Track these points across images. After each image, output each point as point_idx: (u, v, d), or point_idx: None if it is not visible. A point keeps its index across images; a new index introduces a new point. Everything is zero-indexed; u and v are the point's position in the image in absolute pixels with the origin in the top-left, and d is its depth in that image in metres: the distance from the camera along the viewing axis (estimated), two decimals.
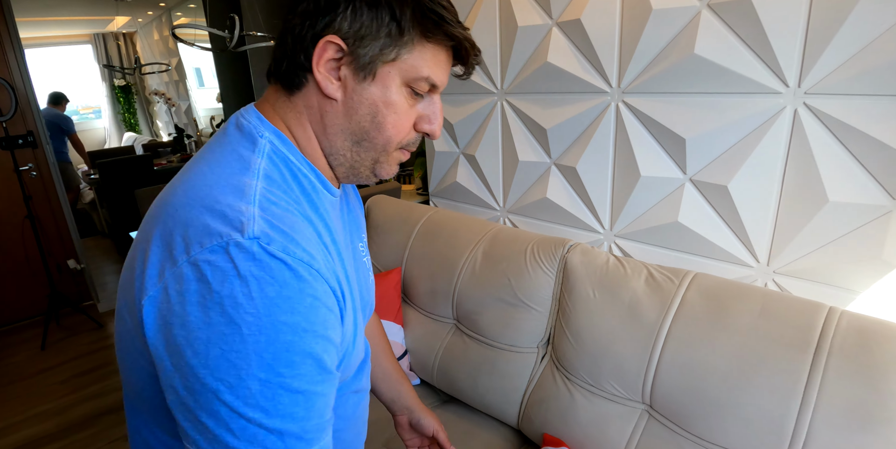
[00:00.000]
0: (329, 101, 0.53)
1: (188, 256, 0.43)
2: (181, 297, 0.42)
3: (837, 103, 1.00)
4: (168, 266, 0.44)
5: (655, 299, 1.10)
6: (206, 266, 0.42)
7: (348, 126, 0.54)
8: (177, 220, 0.46)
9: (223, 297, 0.41)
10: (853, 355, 0.85)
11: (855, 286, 1.06)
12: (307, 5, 0.52)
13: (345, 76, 0.52)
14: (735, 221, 1.20)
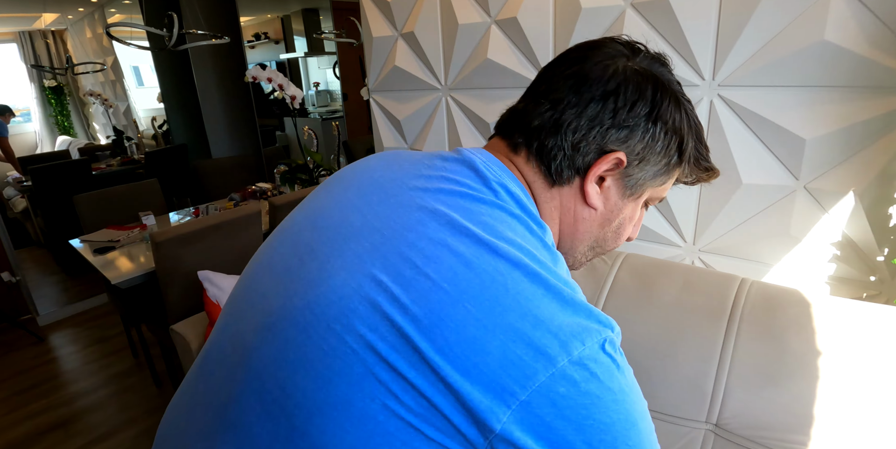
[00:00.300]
0: (588, 208, 0.52)
1: (570, 357, 0.38)
2: (568, 400, 0.37)
3: (747, 94, 1.10)
4: (542, 368, 0.37)
5: (591, 280, 1.17)
6: (594, 366, 0.38)
7: (597, 234, 0.54)
8: (534, 325, 0.38)
9: (615, 393, 0.39)
10: (760, 320, 0.94)
11: (768, 259, 1.17)
12: (601, 112, 0.49)
13: (608, 187, 0.52)
14: (664, 206, 1.29)
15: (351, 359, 0.39)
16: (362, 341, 0.39)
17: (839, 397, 0.84)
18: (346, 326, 0.40)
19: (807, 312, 0.90)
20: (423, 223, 0.44)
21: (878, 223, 1.02)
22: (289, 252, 0.50)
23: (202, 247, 2.01)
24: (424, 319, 0.39)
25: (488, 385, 0.37)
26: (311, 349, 0.41)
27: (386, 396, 0.39)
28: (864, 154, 1.00)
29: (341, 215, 0.49)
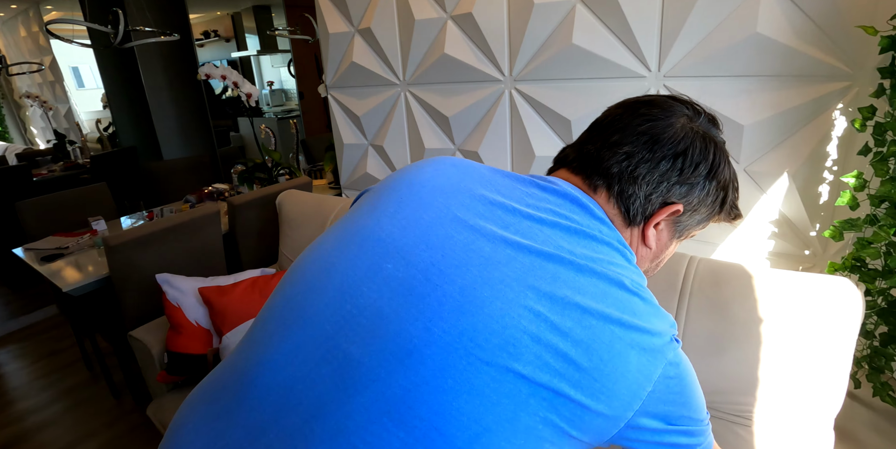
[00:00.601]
0: (645, 247, 0.59)
1: (667, 358, 0.47)
2: (668, 392, 0.48)
3: (690, 84, 1.17)
4: (652, 372, 0.47)
5: None
6: (679, 365, 0.49)
7: (647, 268, 0.62)
8: (635, 332, 0.47)
9: (687, 377, 0.50)
10: (708, 293, 1.00)
11: (714, 239, 1.24)
12: (670, 169, 0.56)
13: (661, 230, 0.59)
14: None
15: (518, 383, 0.44)
16: (529, 367, 0.44)
17: (780, 360, 0.91)
18: (512, 354, 0.44)
19: (749, 284, 0.97)
20: (540, 257, 0.49)
21: (810, 201, 1.11)
22: (402, 268, 0.49)
23: (159, 250, 1.96)
24: (580, 341, 0.45)
25: (628, 388, 0.46)
26: (473, 375, 0.44)
27: (548, 410, 0.45)
28: (796, 138, 1.08)
29: (462, 238, 0.51)
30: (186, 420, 0.55)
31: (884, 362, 0.96)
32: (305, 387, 0.47)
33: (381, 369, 0.45)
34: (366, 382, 0.45)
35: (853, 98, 1.00)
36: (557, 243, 0.50)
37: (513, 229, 0.51)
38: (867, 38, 0.95)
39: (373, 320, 0.47)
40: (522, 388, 0.44)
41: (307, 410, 0.46)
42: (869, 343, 0.99)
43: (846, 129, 1.02)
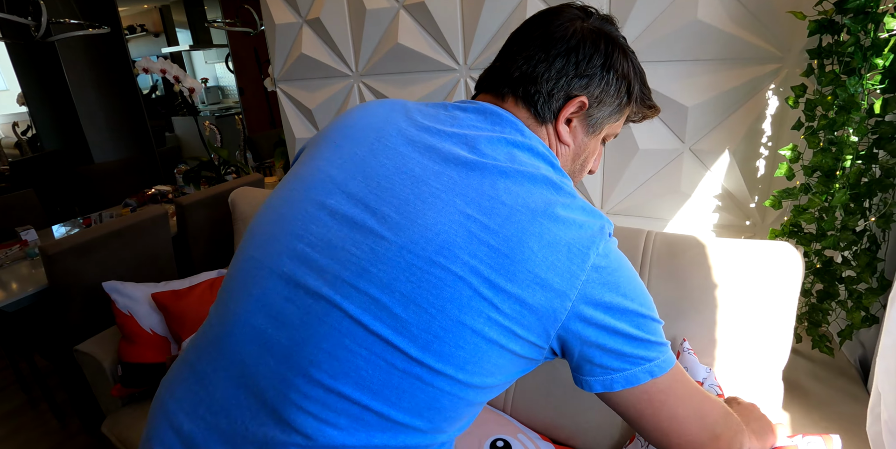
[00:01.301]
0: (562, 145, 0.63)
1: (598, 252, 0.51)
2: (602, 279, 0.50)
3: None
4: (578, 268, 0.49)
5: None
6: (609, 254, 0.52)
7: (570, 167, 0.66)
8: (562, 226, 0.50)
9: (622, 263, 0.54)
10: (665, 263, 1.07)
11: (665, 215, 1.32)
12: (566, 64, 0.59)
13: (575, 127, 0.63)
14: None
15: (459, 284, 0.48)
16: (466, 268, 0.48)
17: (732, 321, 0.99)
18: (449, 257, 0.49)
19: (702, 253, 1.05)
20: (471, 169, 0.54)
21: (748, 175, 1.20)
22: (344, 201, 0.54)
23: (103, 257, 1.86)
24: (511, 236, 0.49)
25: (562, 276, 0.49)
26: (417, 284, 0.49)
27: (491, 308, 0.49)
28: (735, 116, 1.17)
29: (394, 165, 0.55)
30: (169, 394, 0.59)
31: (821, 317, 1.06)
32: (276, 329, 0.52)
33: (337, 295, 0.50)
34: (327, 309, 0.51)
35: (783, 78, 1.10)
36: (482, 152, 0.55)
37: (438, 147, 0.56)
38: (795, 22, 1.03)
39: (324, 252, 0.52)
40: (464, 290, 0.48)
41: (282, 349, 0.51)
42: (807, 301, 1.10)
43: (778, 108, 1.12)
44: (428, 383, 0.50)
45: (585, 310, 0.50)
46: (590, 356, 0.52)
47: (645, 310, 0.53)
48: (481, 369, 0.50)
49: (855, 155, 0.91)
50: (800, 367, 1.13)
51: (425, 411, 0.51)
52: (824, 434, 0.77)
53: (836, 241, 0.97)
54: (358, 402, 0.50)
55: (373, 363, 0.49)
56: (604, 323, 0.51)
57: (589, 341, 0.51)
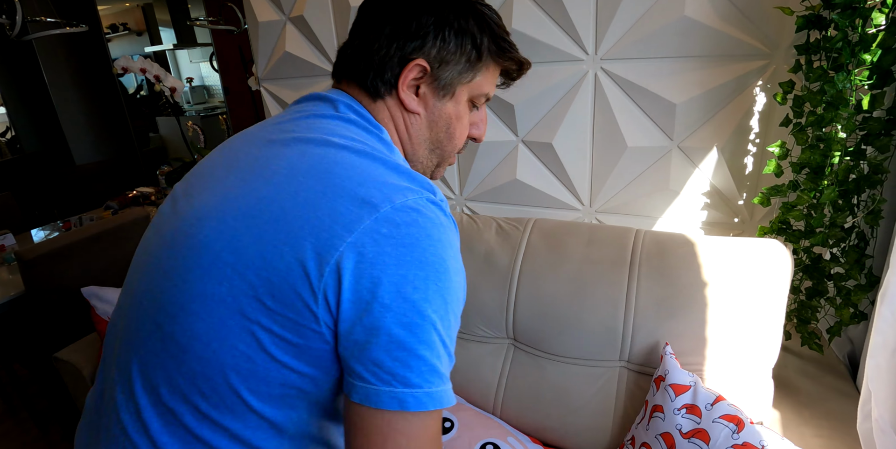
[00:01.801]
0: (412, 115, 0.60)
1: (393, 204, 0.45)
2: (391, 238, 0.44)
3: (625, 66, 1.22)
4: (365, 214, 0.45)
5: (506, 246, 1.24)
6: (416, 213, 0.46)
7: (429, 136, 0.62)
8: (355, 179, 0.47)
9: (433, 240, 0.46)
10: (655, 263, 1.06)
11: (653, 213, 1.32)
12: (394, 29, 0.56)
13: (424, 93, 0.59)
14: (562, 173, 1.40)
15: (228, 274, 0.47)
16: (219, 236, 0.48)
17: (722, 319, 0.98)
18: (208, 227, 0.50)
19: (690, 251, 1.04)
20: (272, 144, 0.54)
21: (737, 172, 1.20)
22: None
23: (82, 261, 1.81)
24: (268, 195, 0.47)
25: (321, 234, 0.44)
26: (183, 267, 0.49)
27: (235, 273, 0.47)
28: (723, 113, 1.16)
29: (222, 161, 0.57)
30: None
31: (810, 314, 1.06)
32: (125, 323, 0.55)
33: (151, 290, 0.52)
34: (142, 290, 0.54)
35: (771, 75, 1.09)
36: (286, 129, 0.55)
37: (250, 141, 0.57)
38: (782, 18, 1.03)
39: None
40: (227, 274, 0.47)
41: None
42: (796, 298, 1.09)
43: (766, 104, 1.11)
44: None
45: (350, 269, 0.43)
46: (350, 345, 0.45)
47: (431, 313, 0.44)
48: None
49: (843, 151, 0.90)
50: (789, 364, 1.13)
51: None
52: None
53: (825, 238, 0.97)
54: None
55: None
56: (369, 298, 0.43)
57: (349, 320, 0.45)
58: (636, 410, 1.05)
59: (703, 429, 0.84)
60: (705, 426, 0.84)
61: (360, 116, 0.57)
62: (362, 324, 0.44)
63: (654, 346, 1.04)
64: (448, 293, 0.46)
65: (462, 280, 0.50)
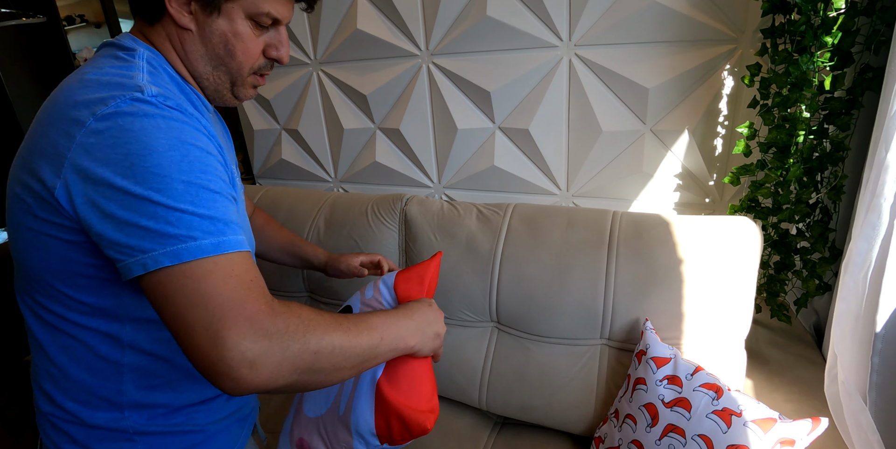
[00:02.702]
0: (185, 31, 0.63)
1: (95, 115, 0.52)
2: (98, 145, 0.51)
3: (599, 52, 1.25)
4: (76, 132, 0.52)
5: (487, 232, 1.26)
6: (115, 116, 0.52)
7: (205, 52, 0.65)
8: (71, 104, 0.54)
9: (135, 131, 0.52)
10: (632, 242, 1.09)
11: (628, 196, 1.35)
12: None
13: (195, 10, 0.62)
14: (539, 159, 1.42)
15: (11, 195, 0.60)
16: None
17: (697, 295, 1.02)
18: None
19: (667, 230, 1.08)
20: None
21: (707, 154, 1.24)
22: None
23: None
24: (40, 120, 0.58)
25: (53, 158, 0.54)
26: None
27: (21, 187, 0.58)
28: (693, 97, 1.20)
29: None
30: None
31: (778, 287, 1.11)
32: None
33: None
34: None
35: (738, 59, 1.13)
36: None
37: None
38: (748, 4, 1.07)
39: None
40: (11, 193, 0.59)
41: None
42: (765, 272, 1.14)
43: (734, 87, 1.15)
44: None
45: (75, 182, 0.53)
46: (98, 239, 0.53)
47: (143, 190, 0.50)
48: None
49: (807, 130, 0.95)
50: (760, 335, 1.18)
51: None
52: (814, 418, 0.79)
53: (791, 213, 1.01)
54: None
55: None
56: (93, 199, 0.52)
57: (88, 220, 0.53)
58: (618, 386, 1.09)
59: (685, 398, 0.88)
60: (686, 395, 0.88)
61: (118, 48, 0.62)
62: (96, 218, 0.52)
63: (634, 323, 1.08)
64: (160, 168, 0.52)
65: (190, 154, 0.54)
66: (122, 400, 0.64)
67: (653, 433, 0.90)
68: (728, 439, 0.81)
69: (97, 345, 0.63)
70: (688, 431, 0.85)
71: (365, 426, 0.71)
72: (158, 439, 0.66)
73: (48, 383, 0.66)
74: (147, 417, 0.66)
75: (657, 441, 0.88)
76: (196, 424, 0.70)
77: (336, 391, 0.77)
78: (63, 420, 0.66)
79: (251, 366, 0.48)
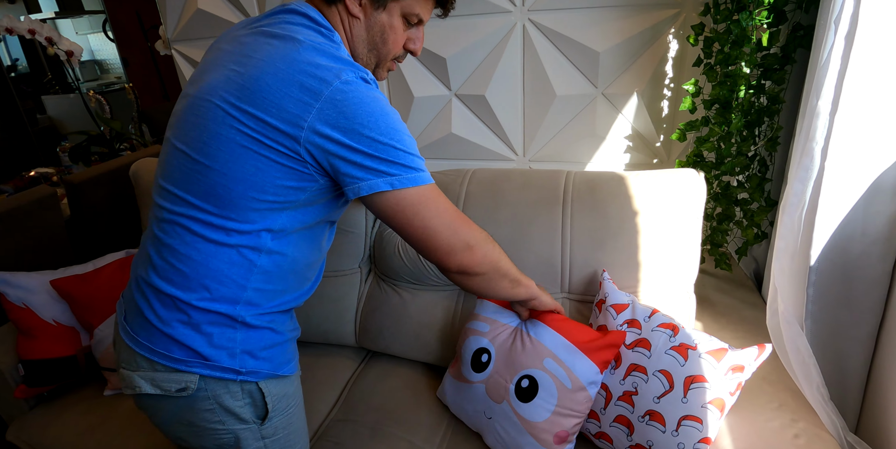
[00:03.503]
0: (355, 19, 0.76)
1: (340, 80, 0.66)
2: (344, 102, 0.65)
3: (551, 17, 1.28)
4: (323, 88, 0.65)
5: (448, 197, 1.27)
6: (355, 84, 0.66)
7: (366, 37, 0.78)
8: (313, 64, 0.66)
9: (371, 99, 0.67)
10: (586, 198, 1.14)
11: (582, 158, 1.40)
12: None
13: (365, 4, 0.75)
14: (495, 125, 1.45)
15: (214, 109, 0.69)
16: (220, 98, 0.69)
17: (649, 245, 1.08)
18: (211, 93, 0.70)
19: (618, 185, 1.13)
20: (254, 40, 0.73)
21: (655, 115, 1.30)
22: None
23: None
24: (252, 76, 0.68)
25: (296, 104, 0.65)
26: (195, 113, 0.72)
27: (236, 123, 0.68)
28: (641, 60, 1.25)
29: (212, 56, 0.77)
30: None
31: (721, 237, 1.19)
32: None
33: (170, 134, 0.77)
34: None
35: (682, 22, 1.19)
36: (262, 28, 0.73)
37: (239, 35, 0.75)
38: None
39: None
40: (217, 112, 0.69)
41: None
42: (709, 224, 1.22)
43: (679, 50, 1.21)
44: (204, 175, 0.70)
45: (322, 129, 0.66)
46: (337, 167, 0.68)
47: (384, 139, 0.67)
48: (240, 168, 0.69)
49: (747, 85, 1.01)
50: (706, 283, 1.27)
51: (210, 197, 0.71)
52: (759, 345, 0.86)
53: (732, 166, 1.09)
54: (171, 191, 0.74)
55: (176, 166, 0.73)
56: (341, 140, 0.66)
57: (331, 152, 0.67)
58: None
59: (645, 338, 0.94)
60: (646, 335, 0.94)
61: (316, 23, 0.74)
62: (342, 157, 0.67)
63: (592, 275, 1.13)
64: (396, 124, 0.68)
65: (401, 120, 0.71)
66: (241, 295, 0.75)
67: (617, 374, 0.95)
68: (686, 371, 0.87)
69: (246, 246, 0.73)
70: (649, 368, 0.91)
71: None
72: (253, 332, 0.78)
73: (168, 286, 0.74)
74: (252, 312, 0.77)
75: (621, 381, 0.94)
76: (279, 325, 0.82)
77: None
78: (183, 302, 0.74)
79: (470, 249, 0.74)
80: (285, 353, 0.84)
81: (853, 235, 0.84)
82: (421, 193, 0.70)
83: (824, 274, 0.87)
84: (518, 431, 0.97)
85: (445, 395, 1.14)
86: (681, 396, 0.86)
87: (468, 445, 1.07)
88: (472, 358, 1.07)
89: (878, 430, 0.92)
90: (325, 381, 1.28)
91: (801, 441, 0.85)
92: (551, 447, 0.94)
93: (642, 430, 0.90)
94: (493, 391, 1.02)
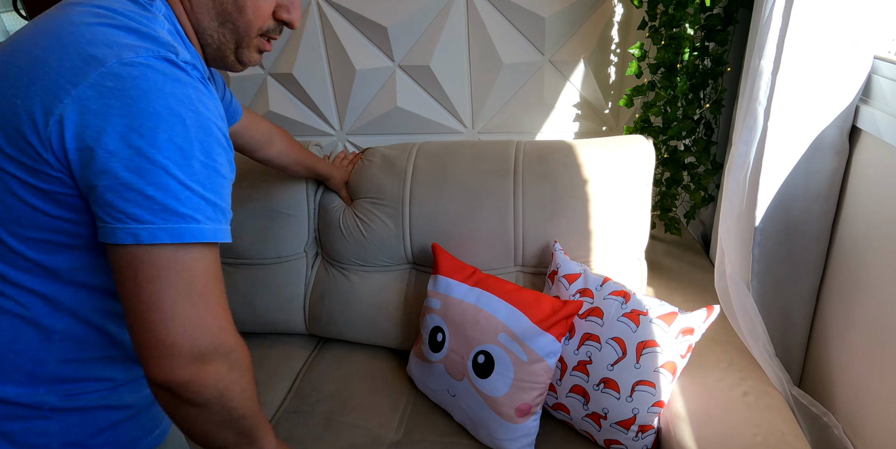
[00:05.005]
0: None
1: (120, 59, 0.48)
2: (116, 91, 0.47)
3: None
4: (90, 70, 0.47)
5: (393, 175, 1.22)
6: (145, 68, 0.48)
7: (212, 5, 0.59)
8: (90, 39, 0.49)
9: (164, 93, 0.48)
10: (536, 168, 1.12)
11: (531, 128, 1.38)
12: None
13: None
14: (442, 96, 1.39)
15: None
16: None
17: (600, 212, 1.07)
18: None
19: (569, 153, 1.11)
20: (49, 19, 0.55)
21: (602, 82, 1.28)
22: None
23: None
24: (9, 58, 0.51)
25: (49, 88, 0.48)
26: None
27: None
28: (587, 26, 1.22)
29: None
30: None
31: (670, 202, 1.20)
32: None
33: None
34: None
35: None
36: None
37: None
38: None
39: None
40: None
41: None
42: (659, 190, 1.23)
43: (623, 14, 1.19)
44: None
45: (72, 123, 0.47)
46: (87, 190, 0.49)
47: (161, 159, 0.48)
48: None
49: (691, 48, 1.00)
50: (657, 248, 1.28)
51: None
52: (708, 307, 0.86)
53: (679, 130, 1.08)
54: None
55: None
56: (92, 147, 0.47)
57: (81, 169, 0.48)
58: None
59: (597, 306, 0.93)
60: (598, 304, 0.94)
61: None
62: (91, 170, 0.48)
63: (545, 247, 1.12)
64: (184, 142, 0.49)
65: (212, 135, 0.52)
66: (41, 372, 0.56)
67: (571, 345, 0.95)
68: (638, 337, 0.87)
69: (31, 304, 0.54)
70: (602, 336, 0.91)
71: None
72: (76, 416, 0.58)
73: None
74: (64, 393, 0.57)
75: (575, 351, 0.94)
76: (122, 400, 0.62)
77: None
78: None
79: (202, 362, 0.50)
80: (140, 426, 0.64)
81: (796, 193, 0.85)
82: (174, 258, 0.48)
83: (769, 234, 0.88)
84: (481, 407, 0.95)
85: (412, 374, 1.12)
86: (633, 362, 0.86)
87: (427, 426, 1.05)
88: (429, 338, 1.04)
89: (819, 381, 0.96)
90: (276, 372, 1.23)
91: (749, 398, 0.87)
92: (514, 420, 0.93)
93: (598, 398, 0.90)
94: (452, 369, 1.00)
